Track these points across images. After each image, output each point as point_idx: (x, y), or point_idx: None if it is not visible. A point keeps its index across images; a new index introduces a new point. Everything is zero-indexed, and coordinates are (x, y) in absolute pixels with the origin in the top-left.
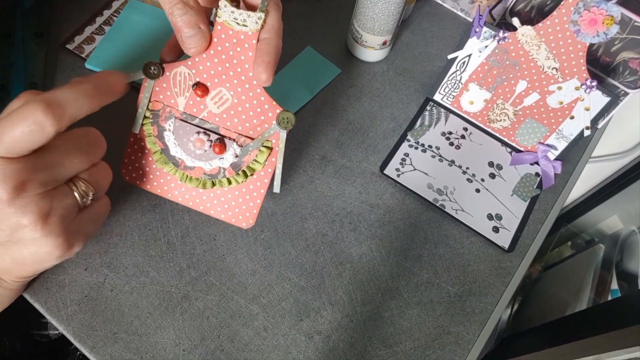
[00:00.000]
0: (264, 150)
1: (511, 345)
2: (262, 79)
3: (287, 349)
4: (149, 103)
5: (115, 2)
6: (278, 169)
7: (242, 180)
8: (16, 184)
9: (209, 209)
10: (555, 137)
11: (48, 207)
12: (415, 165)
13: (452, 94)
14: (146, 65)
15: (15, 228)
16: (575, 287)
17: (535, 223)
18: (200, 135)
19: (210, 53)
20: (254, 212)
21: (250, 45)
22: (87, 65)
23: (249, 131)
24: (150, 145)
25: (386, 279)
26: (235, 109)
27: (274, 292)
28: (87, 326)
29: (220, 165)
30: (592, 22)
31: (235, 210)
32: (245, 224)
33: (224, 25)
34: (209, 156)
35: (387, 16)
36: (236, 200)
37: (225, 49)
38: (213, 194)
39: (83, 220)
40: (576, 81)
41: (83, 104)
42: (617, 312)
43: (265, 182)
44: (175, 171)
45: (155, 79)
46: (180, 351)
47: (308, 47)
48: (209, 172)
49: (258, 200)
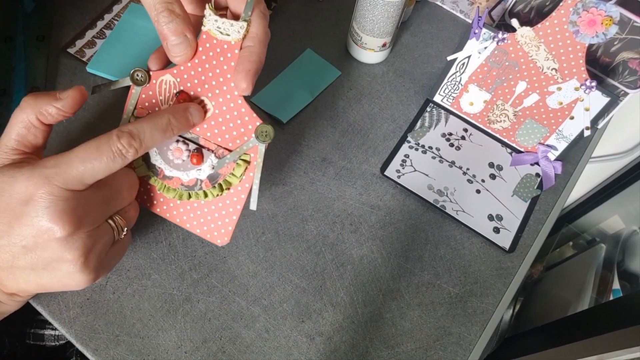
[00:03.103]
0: (241, 164)
1: (513, 345)
2: (241, 87)
3: (288, 350)
4: (134, 110)
5: (116, 6)
6: (255, 184)
7: (218, 193)
8: (75, 220)
9: (185, 222)
10: (555, 138)
11: (92, 244)
12: (416, 167)
13: (451, 95)
14: (133, 72)
15: (56, 260)
16: (577, 287)
17: (536, 223)
18: (179, 144)
19: (194, 62)
20: (229, 229)
21: (232, 55)
22: (88, 69)
23: (228, 143)
24: None
25: (387, 280)
26: (216, 120)
27: (275, 294)
28: (89, 329)
29: (197, 176)
30: (591, 22)
31: (211, 226)
32: (220, 241)
33: (209, 34)
34: (187, 166)
35: (386, 18)
36: (212, 215)
37: (209, 58)
38: (190, 206)
39: (112, 254)
40: (576, 82)
41: (157, 137)
42: (619, 312)
43: (242, 197)
44: (155, 180)
45: (141, 85)
46: (182, 353)
47: (308, 49)
48: (186, 183)
49: (234, 216)
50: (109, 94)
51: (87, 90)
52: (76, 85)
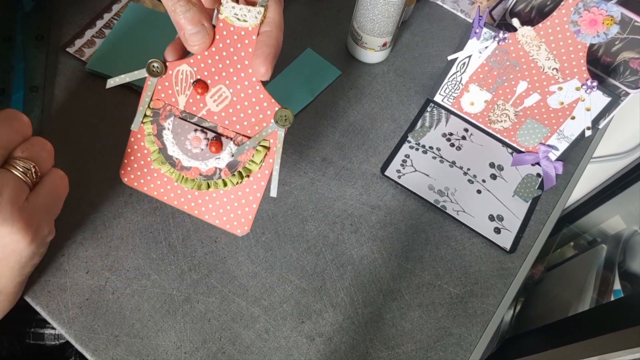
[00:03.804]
0: (260, 150)
1: (514, 346)
2: (260, 72)
3: (288, 351)
4: (150, 102)
5: (115, 6)
6: (275, 170)
7: (238, 181)
8: None
9: (204, 213)
10: (556, 138)
11: None
12: (416, 167)
13: (452, 95)
14: (149, 63)
15: None
16: (578, 287)
17: (536, 224)
18: (198, 133)
19: (212, 50)
20: (249, 218)
21: (250, 41)
22: (88, 69)
23: (246, 130)
24: (148, 144)
25: (387, 281)
26: (234, 107)
27: (275, 295)
28: (88, 329)
29: (216, 165)
30: (592, 22)
31: (230, 216)
32: (240, 230)
33: (226, 22)
34: (205, 156)
35: (387, 17)
36: (231, 205)
37: (226, 45)
38: (208, 197)
39: (39, 197)
40: (577, 81)
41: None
42: (620, 313)
43: (262, 184)
44: (171, 172)
45: (158, 76)
46: (181, 354)
47: (308, 48)
48: (205, 173)
49: (254, 204)
50: (109, 95)
51: (102, 87)
52: (74, 85)
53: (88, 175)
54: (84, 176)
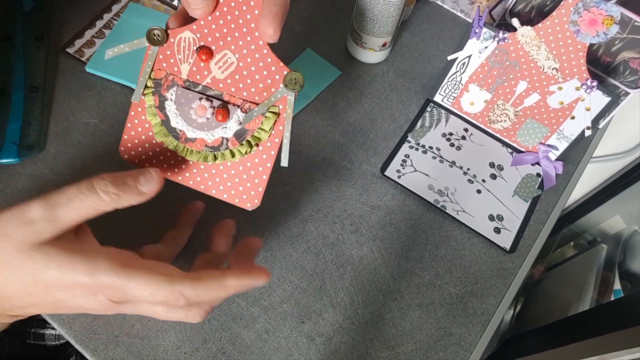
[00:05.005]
0: (270, 116)
1: (514, 346)
2: (268, 34)
3: (288, 351)
4: (151, 72)
5: (115, 6)
6: (286, 137)
7: (247, 150)
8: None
9: (210, 187)
10: (556, 138)
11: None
12: (416, 167)
13: (452, 95)
14: (150, 31)
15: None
16: (578, 287)
17: (536, 224)
18: (203, 101)
19: (215, 15)
20: (260, 190)
21: (256, 2)
22: (88, 69)
23: (254, 97)
24: (150, 117)
25: (387, 281)
26: (240, 73)
27: (275, 295)
28: (88, 329)
29: (223, 135)
30: (591, 22)
31: (239, 189)
32: (250, 204)
33: None
34: (211, 125)
35: (386, 18)
36: (240, 177)
37: (230, 9)
38: (215, 170)
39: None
40: (576, 81)
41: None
42: (620, 313)
43: (272, 154)
44: (175, 145)
45: (159, 45)
46: (182, 354)
47: (308, 49)
48: (211, 144)
49: (264, 175)
50: (109, 95)
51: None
52: (74, 85)
53: (88, 176)
54: (84, 176)
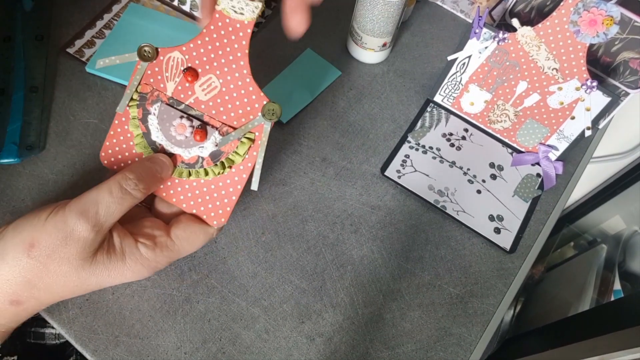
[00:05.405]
0: (245, 142)
1: (514, 346)
2: (295, 21)
3: (288, 351)
4: (138, 85)
5: (115, 6)
6: (258, 163)
7: (220, 171)
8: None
9: (182, 201)
10: (556, 138)
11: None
12: (416, 167)
13: (452, 95)
14: (141, 47)
15: None
16: (578, 287)
17: (536, 224)
18: (183, 120)
19: (205, 40)
20: (227, 210)
21: (244, 34)
22: (88, 70)
23: (233, 121)
24: (132, 128)
25: (387, 281)
26: (222, 98)
27: (275, 295)
28: (88, 329)
29: (199, 154)
30: (591, 22)
31: (209, 206)
32: (217, 222)
33: (222, 14)
34: (189, 143)
35: (386, 18)
36: (211, 195)
37: (220, 36)
38: (188, 185)
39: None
40: (576, 81)
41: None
42: (620, 313)
43: (244, 177)
44: None
45: (149, 61)
46: (181, 354)
47: (308, 49)
48: (187, 161)
49: (233, 196)
50: (109, 95)
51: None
52: (74, 85)
53: (88, 176)
54: (83, 176)
